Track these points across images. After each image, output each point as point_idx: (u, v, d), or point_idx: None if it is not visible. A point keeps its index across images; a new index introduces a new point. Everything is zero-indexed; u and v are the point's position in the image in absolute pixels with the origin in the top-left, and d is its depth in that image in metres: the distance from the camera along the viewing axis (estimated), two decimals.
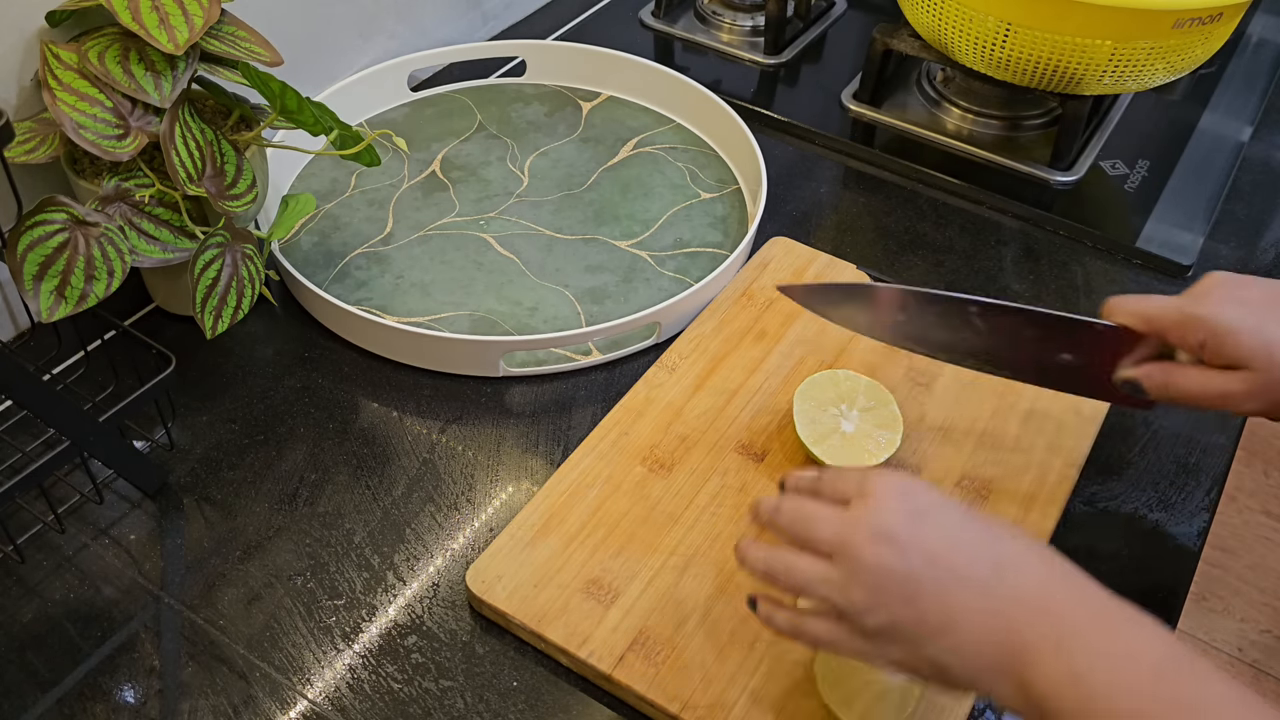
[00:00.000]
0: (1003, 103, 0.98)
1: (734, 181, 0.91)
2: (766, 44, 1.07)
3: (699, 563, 0.62)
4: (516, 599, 0.60)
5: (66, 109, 0.63)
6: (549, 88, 1.00)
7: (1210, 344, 0.57)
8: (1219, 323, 0.56)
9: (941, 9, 0.87)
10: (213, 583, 0.63)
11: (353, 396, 0.74)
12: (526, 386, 0.75)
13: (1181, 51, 0.84)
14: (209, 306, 0.67)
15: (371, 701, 0.58)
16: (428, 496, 0.68)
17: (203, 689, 0.58)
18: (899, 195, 0.92)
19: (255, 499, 0.67)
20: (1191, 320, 0.57)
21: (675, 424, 0.70)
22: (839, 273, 0.81)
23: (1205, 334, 0.57)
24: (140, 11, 0.63)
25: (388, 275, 0.81)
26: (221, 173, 0.68)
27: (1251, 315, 0.56)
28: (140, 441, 0.69)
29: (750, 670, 0.58)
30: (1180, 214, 0.90)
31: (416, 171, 0.90)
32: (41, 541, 0.64)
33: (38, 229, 0.60)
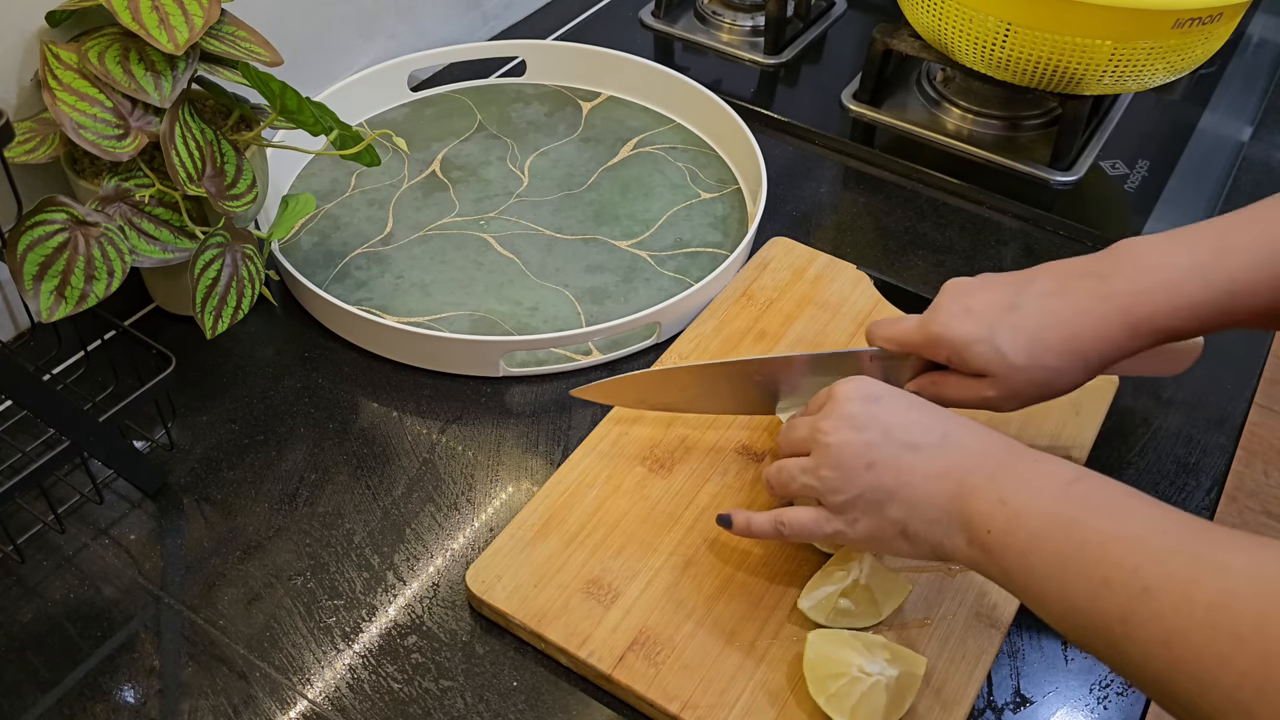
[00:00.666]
0: (1003, 103, 0.98)
1: (734, 181, 0.91)
2: (766, 44, 1.07)
3: (699, 563, 0.62)
4: (516, 599, 0.60)
5: (66, 109, 0.63)
6: (549, 88, 1.00)
7: (954, 359, 0.61)
8: (953, 339, 0.60)
9: (941, 9, 0.87)
10: (213, 583, 0.63)
11: (353, 396, 0.74)
12: (526, 386, 0.75)
13: (1181, 51, 0.84)
14: (209, 306, 0.67)
15: (371, 701, 0.58)
16: (428, 496, 0.68)
17: (203, 689, 0.58)
18: (899, 195, 0.92)
19: (255, 499, 0.67)
20: (932, 339, 0.61)
21: (675, 424, 0.70)
22: (839, 272, 0.81)
23: (946, 349, 0.61)
24: (140, 11, 0.63)
25: (388, 275, 0.81)
26: (221, 173, 0.68)
27: (980, 325, 0.60)
28: (140, 441, 0.69)
29: (750, 670, 0.58)
30: (1180, 214, 0.90)
31: (416, 171, 0.90)
32: (41, 541, 0.64)
33: (38, 229, 0.60)
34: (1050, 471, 0.50)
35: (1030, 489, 0.50)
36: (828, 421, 0.57)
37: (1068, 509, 0.48)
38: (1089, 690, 0.60)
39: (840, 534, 0.56)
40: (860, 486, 0.55)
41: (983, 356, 0.59)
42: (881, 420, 0.56)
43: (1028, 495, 0.49)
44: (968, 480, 0.52)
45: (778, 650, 0.58)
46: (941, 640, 0.59)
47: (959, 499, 0.52)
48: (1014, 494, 0.50)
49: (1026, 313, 0.59)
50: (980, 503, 0.51)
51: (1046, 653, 0.61)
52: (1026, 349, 0.58)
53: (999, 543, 0.49)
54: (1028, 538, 0.48)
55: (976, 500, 0.51)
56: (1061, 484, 0.49)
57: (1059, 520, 0.48)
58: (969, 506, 0.51)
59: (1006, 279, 0.62)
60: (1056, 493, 0.49)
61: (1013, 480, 0.51)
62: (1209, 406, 0.75)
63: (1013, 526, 0.49)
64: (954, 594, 0.61)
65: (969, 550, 0.51)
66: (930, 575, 0.62)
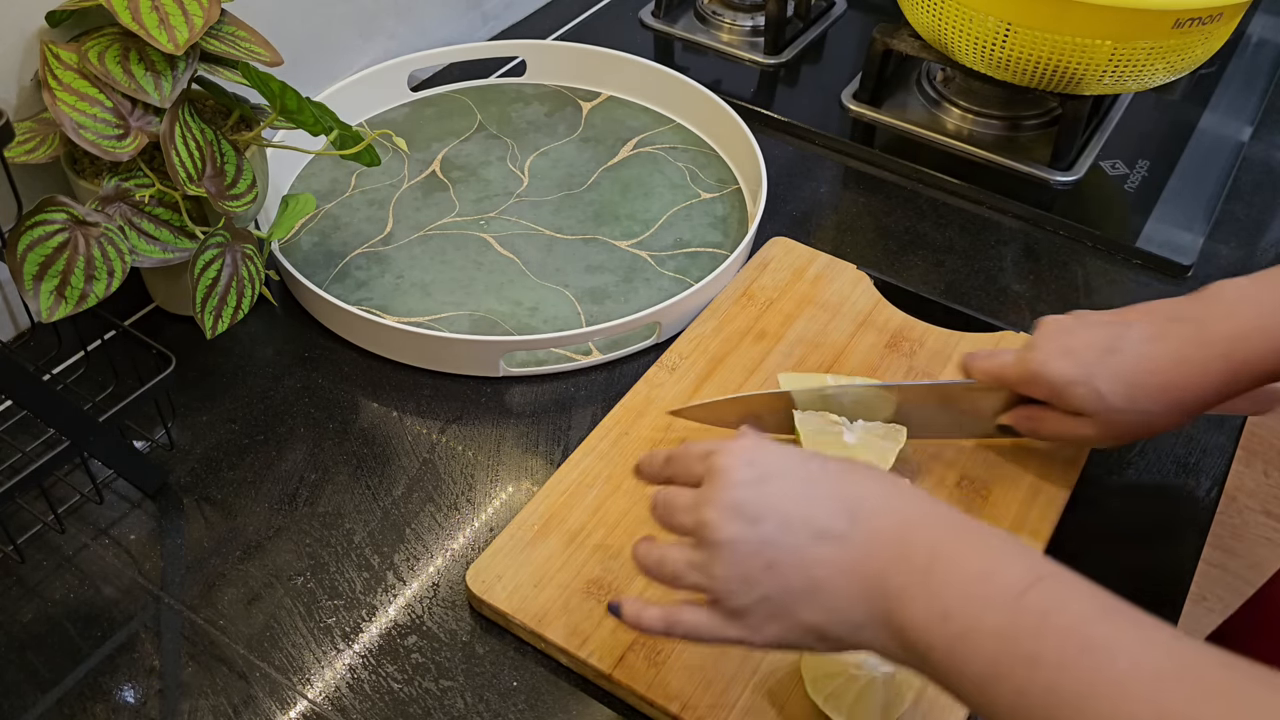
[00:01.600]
0: (1003, 103, 0.98)
1: (734, 181, 0.91)
2: (766, 44, 1.07)
3: None
4: (516, 599, 0.60)
5: (66, 109, 0.63)
6: (549, 88, 1.00)
7: (1051, 398, 0.61)
8: (1052, 379, 0.61)
9: (941, 9, 0.87)
10: (213, 583, 0.63)
11: (353, 396, 0.74)
12: (526, 386, 0.75)
13: (1181, 51, 0.84)
14: (209, 306, 0.67)
15: (371, 701, 0.58)
16: (428, 496, 0.68)
17: (203, 689, 0.58)
18: (899, 195, 0.92)
19: (255, 499, 0.67)
20: (1031, 378, 0.62)
21: (675, 424, 0.70)
22: (839, 272, 0.81)
23: (1044, 389, 0.62)
24: (140, 11, 0.63)
25: (388, 275, 0.81)
26: (221, 173, 0.68)
27: (1079, 367, 0.60)
28: (140, 441, 0.69)
29: (750, 670, 0.58)
30: (1180, 214, 0.90)
31: (416, 171, 0.90)
32: (41, 541, 0.64)
33: (38, 229, 0.60)
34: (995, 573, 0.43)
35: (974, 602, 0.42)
36: (712, 511, 0.48)
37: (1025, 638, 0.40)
38: None
39: (745, 642, 0.48)
40: (763, 589, 0.46)
41: (1082, 398, 0.59)
42: (777, 506, 0.47)
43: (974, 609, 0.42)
44: (893, 579, 0.44)
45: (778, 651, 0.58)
46: None
47: (886, 601, 0.44)
48: (956, 605, 0.42)
49: (1125, 357, 0.59)
50: (915, 612, 0.43)
51: None
52: (1125, 393, 0.58)
53: (945, 665, 0.42)
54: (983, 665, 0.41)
55: (910, 609, 0.43)
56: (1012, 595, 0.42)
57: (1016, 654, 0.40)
58: (902, 614, 0.44)
59: (1103, 319, 0.62)
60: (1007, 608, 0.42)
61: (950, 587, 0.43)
62: None
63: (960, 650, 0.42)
64: None
65: (908, 659, 0.44)
66: None
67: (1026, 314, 0.81)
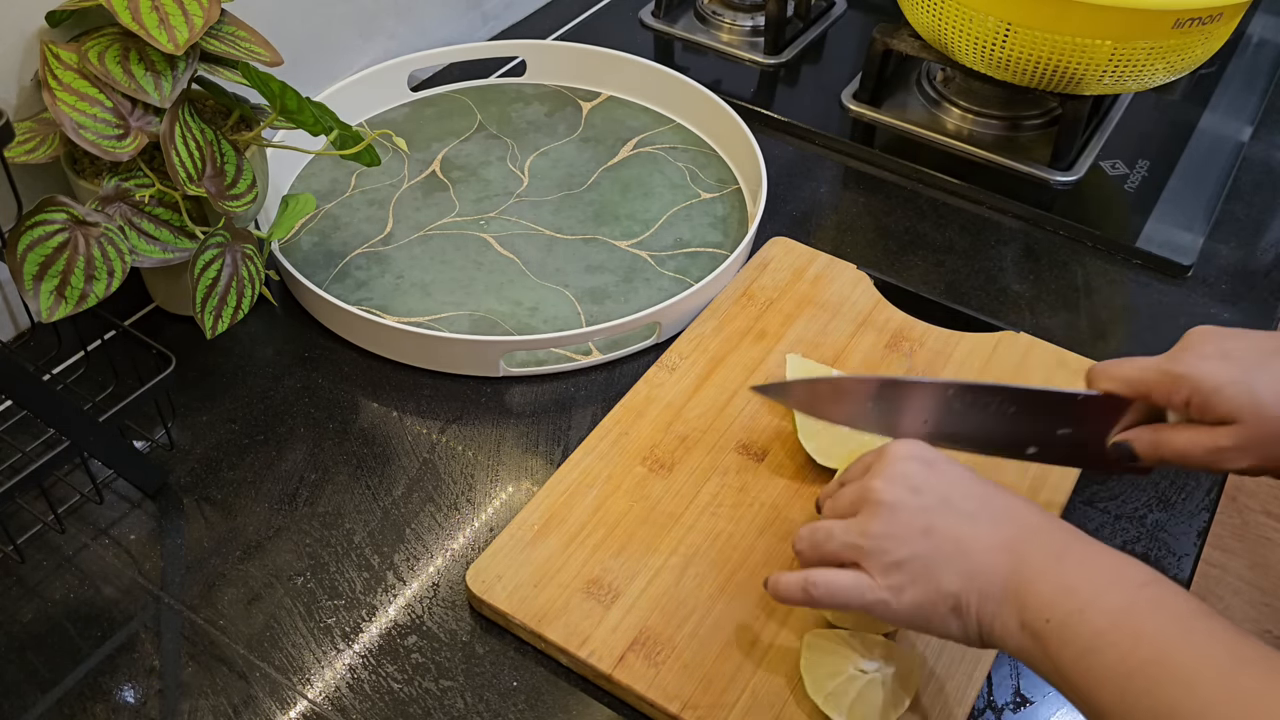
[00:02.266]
0: (1003, 103, 0.98)
1: (734, 181, 0.91)
2: (766, 44, 1.07)
3: (699, 563, 0.62)
4: (516, 599, 0.60)
5: (66, 109, 0.63)
6: (549, 88, 1.00)
7: (1195, 401, 0.56)
8: (1203, 378, 0.56)
9: (941, 9, 0.87)
10: (213, 583, 0.63)
11: (353, 396, 0.74)
12: (526, 386, 0.75)
13: (1181, 51, 0.84)
14: (209, 306, 0.67)
15: (371, 701, 0.58)
16: (428, 496, 0.68)
17: (203, 689, 0.58)
18: (899, 195, 0.92)
19: (255, 499, 0.67)
20: (1175, 379, 0.57)
21: (675, 424, 0.70)
22: (839, 272, 0.81)
23: (1189, 391, 0.56)
24: (140, 11, 0.63)
25: (388, 275, 0.81)
26: (221, 173, 0.68)
27: (1235, 368, 0.55)
28: (140, 441, 0.69)
29: (750, 670, 0.58)
30: (1180, 214, 0.90)
31: (416, 171, 0.90)
32: (41, 541, 0.64)
33: (38, 229, 0.60)
34: (1121, 567, 0.48)
35: (1099, 582, 0.47)
36: (880, 480, 0.53)
37: (1137, 617, 0.45)
38: None
39: (882, 604, 0.51)
40: (914, 549, 0.51)
41: (1234, 400, 0.55)
42: (939, 486, 0.53)
43: (1096, 588, 0.47)
44: (1030, 557, 0.49)
45: (778, 650, 0.58)
46: (942, 640, 0.59)
47: (1018, 575, 0.49)
48: (1081, 584, 0.47)
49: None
50: (1043, 585, 0.48)
51: None
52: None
53: (1057, 634, 0.46)
54: (1091, 636, 0.45)
55: (1039, 582, 0.48)
56: (1133, 584, 0.47)
57: (1127, 628, 0.45)
58: (1030, 587, 0.48)
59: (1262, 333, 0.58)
60: (1128, 593, 0.46)
61: (1081, 568, 0.48)
62: None
63: (1075, 620, 0.46)
64: None
65: (1020, 636, 0.48)
66: None
67: (1026, 314, 0.82)
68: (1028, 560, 0.49)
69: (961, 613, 0.50)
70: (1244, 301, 0.83)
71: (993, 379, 0.73)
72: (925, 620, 0.51)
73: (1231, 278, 0.86)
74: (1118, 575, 0.47)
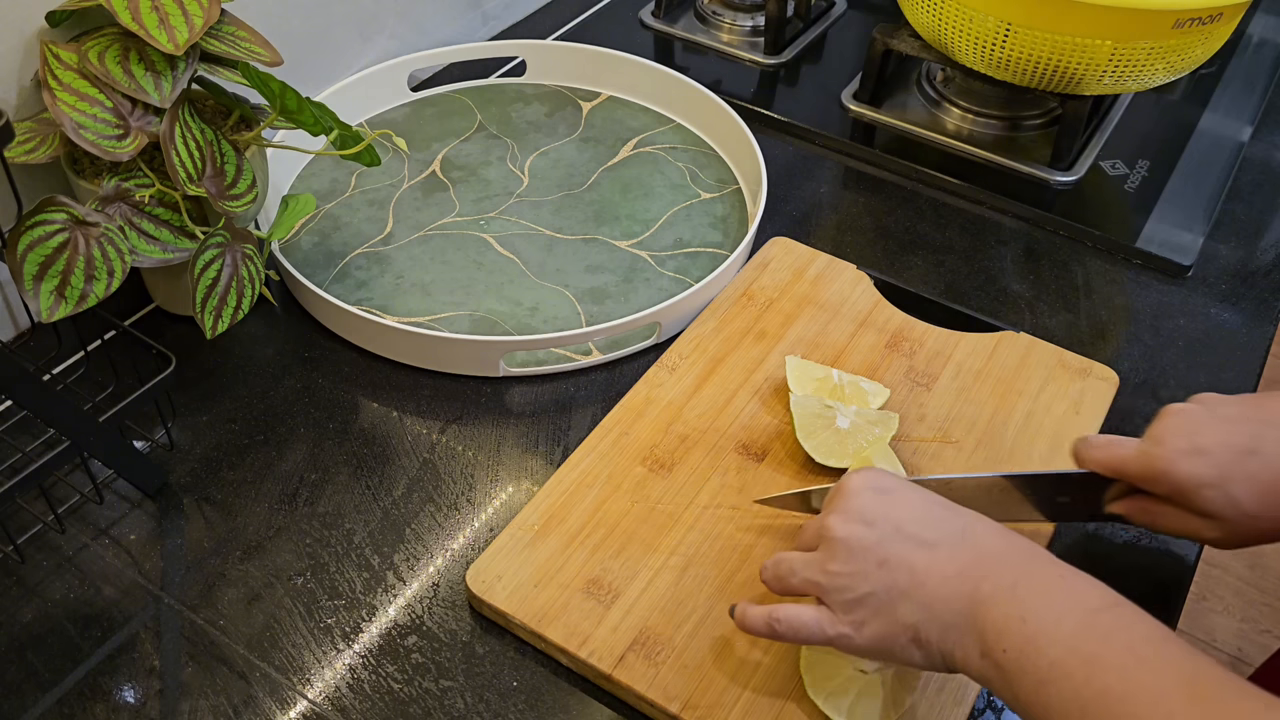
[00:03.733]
0: (1003, 103, 0.98)
1: (734, 181, 0.91)
2: (766, 44, 1.07)
3: (699, 563, 0.62)
4: (516, 599, 0.60)
5: (66, 109, 0.63)
6: (549, 88, 1.00)
7: (1175, 497, 0.57)
8: (1181, 480, 0.56)
9: (941, 9, 0.87)
10: (213, 583, 0.63)
11: (353, 396, 0.74)
12: (526, 386, 0.75)
13: (1181, 51, 0.84)
14: (209, 306, 0.67)
15: (371, 701, 0.58)
16: (428, 496, 0.68)
17: (203, 689, 0.58)
18: (899, 195, 0.92)
19: (255, 499, 0.67)
20: (1154, 475, 0.57)
21: (675, 424, 0.70)
22: (839, 272, 0.81)
23: (1169, 488, 0.57)
24: (140, 12, 0.63)
25: (388, 275, 0.81)
26: (221, 173, 0.68)
27: (1212, 468, 0.55)
28: (140, 441, 0.69)
29: (750, 670, 0.58)
30: (1180, 214, 0.90)
31: (416, 171, 0.90)
32: (41, 541, 0.64)
33: (38, 229, 0.60)
34: (1076, 592, 0.47)
35: (1052, 610, 0.46)
36: (835, 516, 0.53)
37: (1091, 644, 0.45)
38: None
39: (844, 638, 0.52)
40: (871, 584, 0.51)
41: (1213, 502, 0.55)
42: (894, 515, 0.52)
43: (1049, 617, 0.46)
44: (986, 585, 0.49)
45: (778, 650, 0.58)
46: None
47: (976, 604, 0.48)
48: (1034, 612, 0.47)
49: (1266, 461, 0.55)
50: (998, 614, 0.47)
51: None
52: (1262, 499, 0.54)
53: (1014, 664, 0.46)
54: (1046, 667, 0.45)
55: (994, 611, 0.48)
56: (1087, 610, 0.46)
57: (1080, 656, 0.44)
58: (986, 615, 0.48)
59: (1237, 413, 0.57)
60: (1081, 619, 0.46)
61: (1034, 596, 0.47)
62: None
63: (1030, 650, 0.46)
64: None
65: (981, 664, 0.48)
66: None
67: (1026, 314, 0.81)
68: (983, 586, 0.49)
69: (922, 644, 0.50)
70: (1244, 301, 0.83)
71: (993, 379, 0.73)
72: (889, 651, 0.51)
73: (1231, 278, 0.86)
74: (1073, 601, 0.47)
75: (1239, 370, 0.78)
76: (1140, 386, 0.76)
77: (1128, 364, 0.77)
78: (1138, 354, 0.79)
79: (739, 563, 0.62)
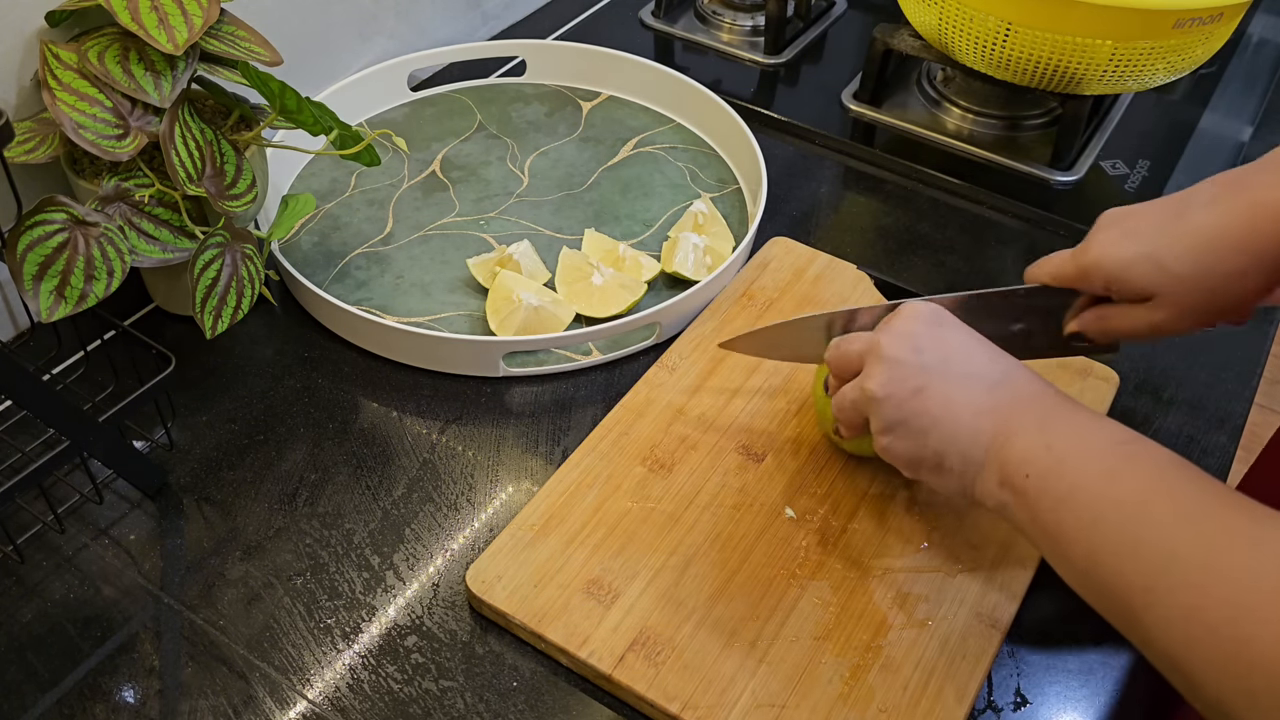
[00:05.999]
0: (1003, 103, 0.98)
1: (734, 181, 0.91)
2: (766, 44, 1.07)
3: (699, 563, 0.62)
4: (516, 599, 0.60)
5: (66, 109, 0.63)
6: (549, 88, 1.00)
7: (1114, 286, 0.58)
8: (1110, 264, 0.57)
9: (942, 8, 0.87)
10: (213, 583, 0.63)
11: (353, 396, 0.74)
12: (526, 386, 0.75)
13: (1182, 51, 0.84)
14: (209, 306, 0.67)
15: (371, 701, 0.58)
16: (428, 496, 0.68)
17: (203, 689, 0.58)
18: (899, 195, 0.92)
19: (255, 499, 0.67)
20: (1086, 269, 0.59)
21: (675, 424, 0.70)
22: (839, 272, 0.81)
23: (1103, 278, 0.58)
24: (139, 11, 0.63)
25: (388, 275, 0.81)
26: (221, 173, 0.68)
27: (1139, 244, 0.56)
28: (140, 441, 0.69)
29: (750, 670, 0.58)
30: None
31: (416, 171, 0.90)
32: (41, 541, 0.64)
33: (38, 229, 0.60)
34: (1103, 426, 0.50)
35: (1079, 438, 0.49)
36: (886, 336, 0.56)
37: (1113, 462, 0.47)
38: (1090, 690, 0.60)
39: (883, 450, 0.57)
40: (905, 411, 0.54)
41: (1145, 275, 0.56)
42: (942, 347, 0.55)
43: (1076, 444, 0.48)
44: (1016, 419, 0.51)
45: (778, 650, 0.58)
46: (942, 640, 0.59)
47: (1002, 436, 0.51)
48: (1062, 440, 0.49)
49: (1193, 220, 0.55)
50: (1025, 444, 0.50)
51: (1047, 653, 0.61)
52: (1193, 258, 0.55)
53: (1035, 487, 0.48)
54: (1067, 488, 0.47)
55: (1021, 440, 0.50)
56: (1112, 441, 0.48)
57: (1101, 472, 0.46)
58: (1011, 446, 0.50)
59: (1165, 199, 0.58)
60: (1105, 448, 0.48)
61: (1064, 426, 0.50)
62: (1209, 406, 0.75)
63: (1052, 473, 0.48)
64: (954, 594, 0.61)
65: (999, 492, 0.50)
66: (930, 575, 0.62)
67: None
68: (1013, 420, 0.51)
69: (944, 470, 0.54)
70: None
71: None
72: (916, 471, 0.56)
73: None
74: (1100, 432, 0.49)
75: (1239, 370, 0.78)
76: (1140, 387, 0.76)
77: (1128, 364, 0.77)
78: (1138, 354, 0.78)
79: (739, 563, 0.62)
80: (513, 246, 0.79)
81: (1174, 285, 0.56)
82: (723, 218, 0.84)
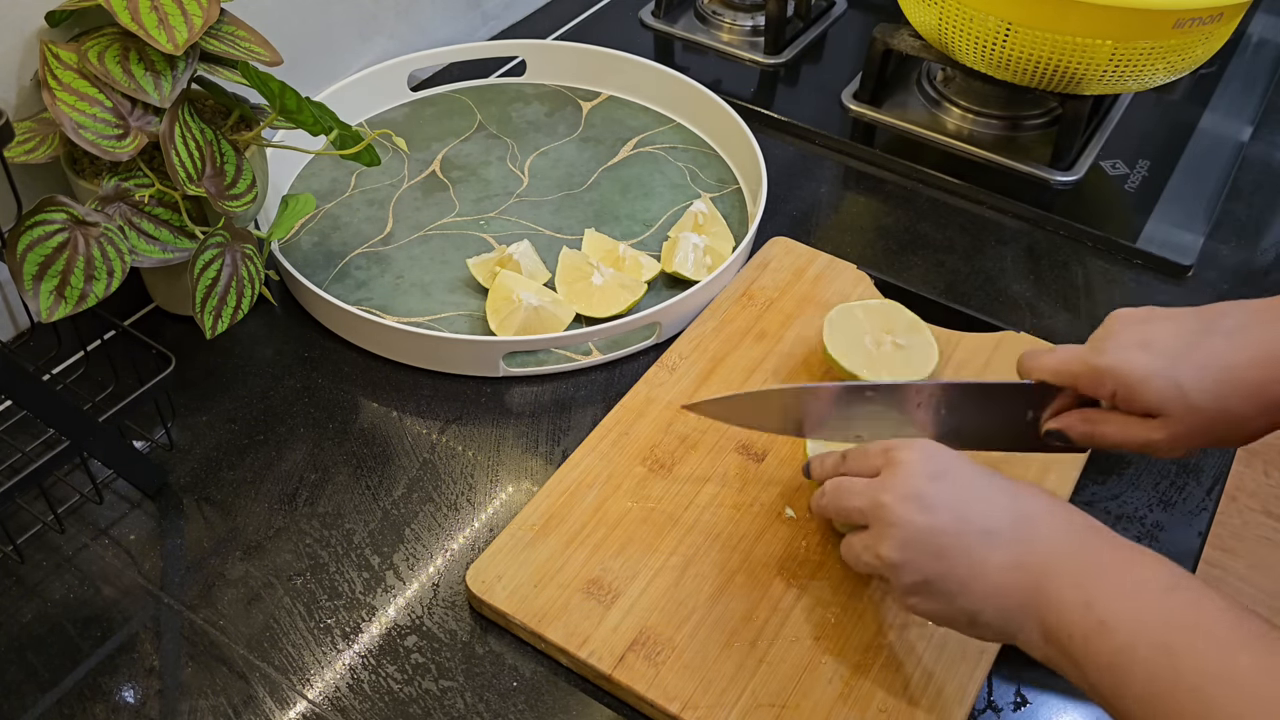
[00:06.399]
0: (1003, 103, 0.98)
1: (734, 181, 0.91)
2: (766, 44, 1.07)
3: (699, 563, 0.62)
4: (516, 599, 0.60)
5: (66, 109, 0.63)
6: (549, 88, 1.00)
7: (1121, 394, 0.55)
8: (1126, 373, 0.54)
9: (942, 8, 0.87)
10: (213, 583, 0.63)
11: (353, 396, 0.74)
12: (526, 386, 0.75)
13: (1181, 51, 0.84)
14: (209, 306, 0.67)
15: (371, 701, 0.58)
16: (428, 496, 0.68)
17: (203, 689, 0.58)
18: (899, 195, 0.92)
19: (255, 499, 0.67)
20: (1098, 372, 0.56)
21: (675, 424, 0.70)
22: (839, 272, 0.81)
23: (1114, 385, 0.55)
24: (139, 11, 0.63)
25: (388, 275, 0.81)
26: (221, 173, 0.68)
27: (1159, 359, 0.54)
28: (140, 441, 0.69)
29: (750, 670, 0.58)
30: (1180, 214, 0.90)
31: (416, 171, 0.90)
32: (41, 541, 0.64)
33: (38, 229, 0.60)
34: (1143, 574, 0.46)
35: (1120, 594, 0.45)
36: (890, 496, 0.52)
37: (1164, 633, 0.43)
38: None
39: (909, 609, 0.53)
40: (928, 574, 0.51)
41: (1160, 393, 0.53)
42: (951, 502, 0.51)
43: (1118, 601, 0.45)
44: (1049, 576, 0.48)
45: (778, 650, 0.58)
46: (941, 641, 0.59)
47: (1037, 595, 0.48)
48: (1101, 598, 0.45)
49: (1216, 348, 0.53)
50: (1062, 602, 0.47)
51: None
52: (1213, 389, 0.53)
53: (1080, 650, 0.45)
54: (1114, 651, 0.44)
55: (1056, 598, 0.47)
56: (1157, 591, 0.45)
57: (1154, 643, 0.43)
58: (1049, 606, 0.47)
59: (1185, 312, 0.56)
60: (1151, 602, 0.45)
61: (1100, 581, 0.46)
62: None
63: (1097, 635, 0.45)
64: None
65: (1046, 648, 0.48)
66: None
67: (1026, 314, 0.81)
68: (1045, 577, 0.48)
69: (980, 627, 0.50)
70: None
71: (993, 379, 0.73)
72: (950, 625, 0.52)
73: (1232, 278, 0.86)
74: (1141, 583, 0.46)
75: None
76: None
77: None
78: None
79: (739, 563, 0.62)
80: (513, 246, 0.79)
81: (1187, 412, 0.53)
82: (723, 218, 0.84)
